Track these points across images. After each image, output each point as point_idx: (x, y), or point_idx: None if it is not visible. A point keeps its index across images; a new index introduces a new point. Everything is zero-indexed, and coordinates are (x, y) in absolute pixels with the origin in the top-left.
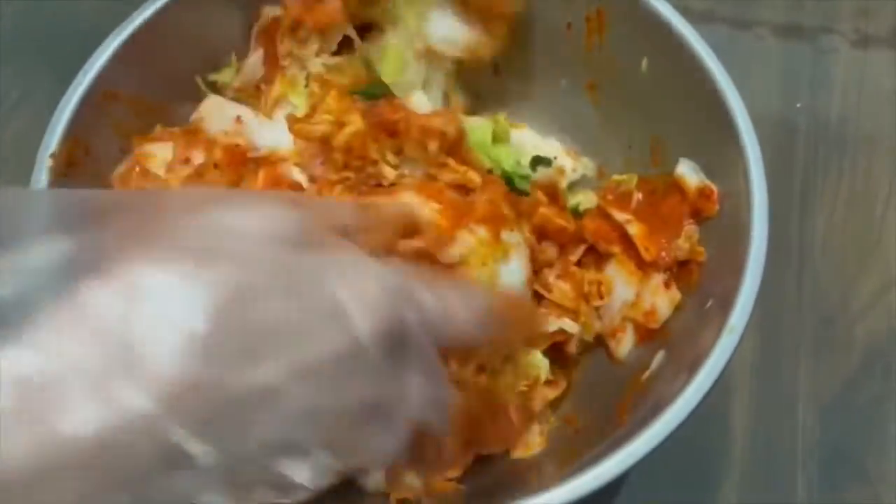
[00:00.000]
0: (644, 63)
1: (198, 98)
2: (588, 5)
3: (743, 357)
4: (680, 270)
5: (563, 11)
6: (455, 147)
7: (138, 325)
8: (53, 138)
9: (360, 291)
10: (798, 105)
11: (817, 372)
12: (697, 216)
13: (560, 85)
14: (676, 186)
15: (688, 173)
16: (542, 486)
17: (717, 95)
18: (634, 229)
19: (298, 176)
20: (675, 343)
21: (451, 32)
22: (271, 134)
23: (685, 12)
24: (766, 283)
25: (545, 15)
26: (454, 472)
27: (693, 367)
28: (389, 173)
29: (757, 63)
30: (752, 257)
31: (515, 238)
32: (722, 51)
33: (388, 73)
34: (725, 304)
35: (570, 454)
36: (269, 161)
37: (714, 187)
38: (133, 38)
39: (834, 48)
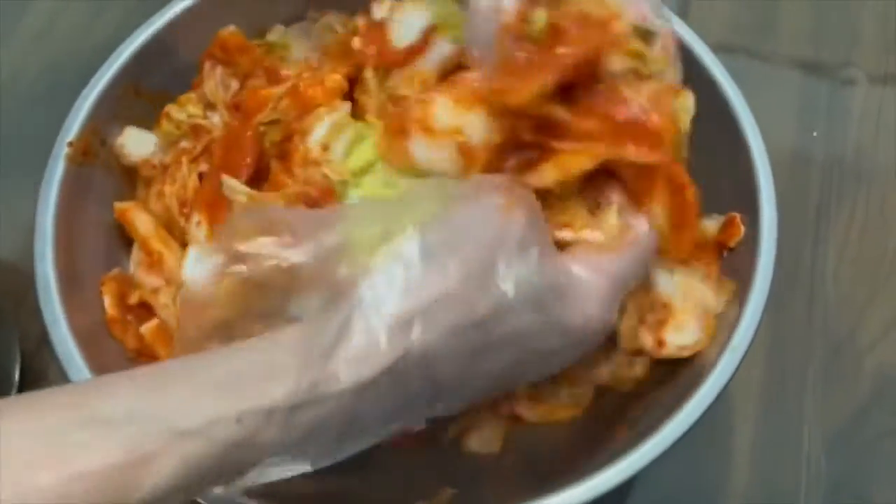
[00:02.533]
0: None
1: None
2: None
3: (749, 384)
4: None
5: None
6: None
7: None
8: (73, 126)
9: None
10: (814, 134)
11: (824, 402)
12: (724, 247)
13: None
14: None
15: (704, 226)
16: (534, 497)
17: (733, 123)
18: None
19: None
20: (677, 362)
21: None
22: None
23: (706, 41)
24: (775, 311)
25: None
26: None
27: (694, 385)
28: None
29: (775, 92)
30: (757, 279)
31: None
32: (740, 79)
33: None
34: (730, 323)
35: (564, 466)
36: None
37: (737, 215)
38: (157, 35)
39: (852, 80)
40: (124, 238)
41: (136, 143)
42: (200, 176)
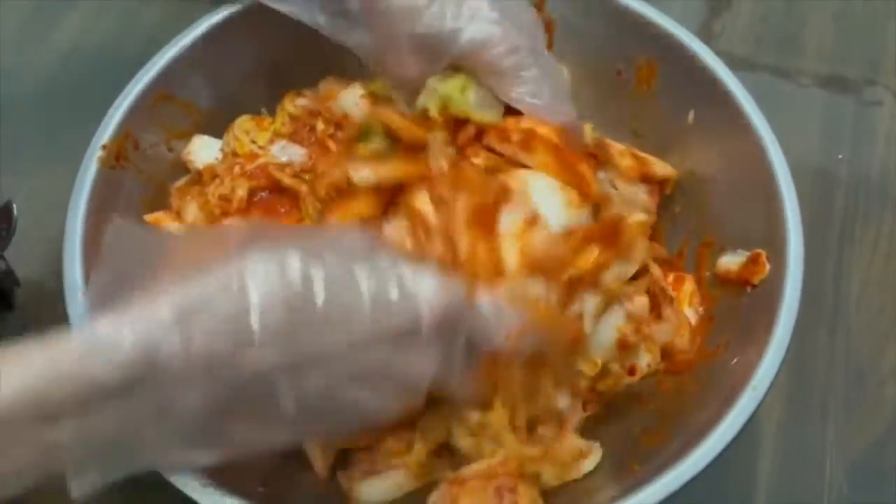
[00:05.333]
0: (691, 116)
1: (245, 109)
2: (640, 53)
3: (770, 411)
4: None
5: (615, 57)
6: None
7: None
8: (107, 131)
9: (427, 286)
10: (839, 156)
11: (847, 429)
12: (747, 283)
13: (604, 130)
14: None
15: (729, 262)
16: None
17: (762, 158)
18: None
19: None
20: (698, 397)
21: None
22: None
23: (728, 59)
24: (797, 335)
25: (596, 59)
26: None
27: (713, 423)
28: None
29: (799, 112)
30: (782, 318)
31: None
32: (764, 99)
33: None
34: (751, 362)
35: (582, 498)
36: None
37: (762, 252)
38: (193, 46)
39: (878, 101)
40: None
41: (204, 150)
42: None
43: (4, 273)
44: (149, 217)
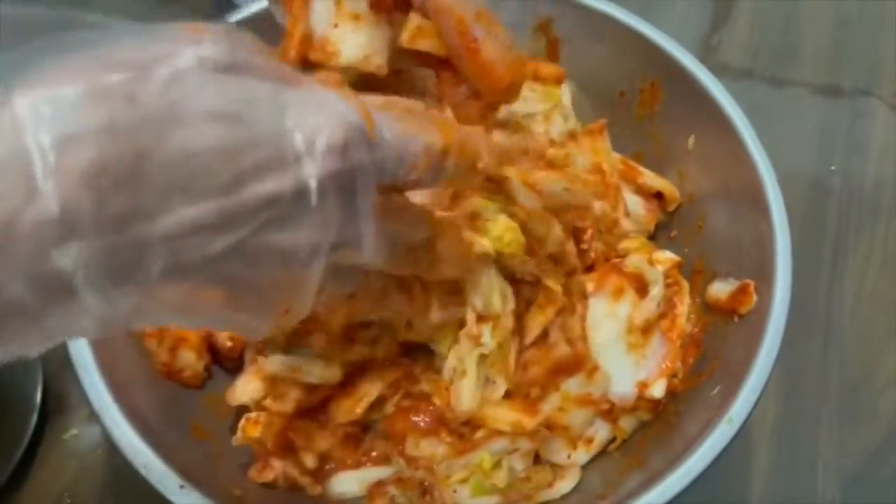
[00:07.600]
0: (691, 141)
1: None
2: (644, 76)
3: (763, 422)
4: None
5: (620, 79)
6: None
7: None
8: None
9: (315, 129)
10: (833, 167)
11: (840, 441)
12: (733, 314)
13: None
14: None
15: (719, 290)
16: None
17: (758, 190)
18: None
19: None
20: (674, 427)
21: None
22: None
23: (724, 69)
24: (790, 346)
25: (601, 80)
26: None
27: (684, 454)
28: None
29: (793, 122)
30: (762, 354)
31: None
32: (758, 109)
33: None
34: (730, 394)
35: None
36: None
37: (751, 282)
38: None
39: (872, 112)
40: None
41: None
42: None
43: None
44: None
